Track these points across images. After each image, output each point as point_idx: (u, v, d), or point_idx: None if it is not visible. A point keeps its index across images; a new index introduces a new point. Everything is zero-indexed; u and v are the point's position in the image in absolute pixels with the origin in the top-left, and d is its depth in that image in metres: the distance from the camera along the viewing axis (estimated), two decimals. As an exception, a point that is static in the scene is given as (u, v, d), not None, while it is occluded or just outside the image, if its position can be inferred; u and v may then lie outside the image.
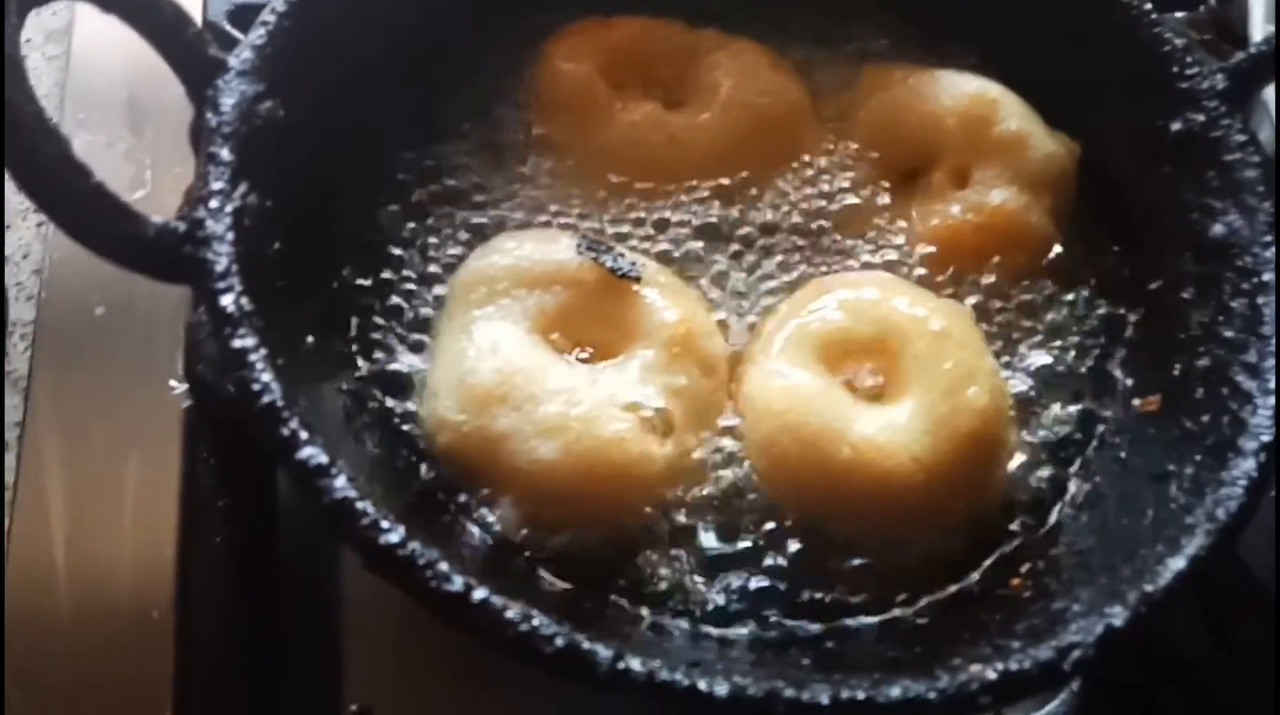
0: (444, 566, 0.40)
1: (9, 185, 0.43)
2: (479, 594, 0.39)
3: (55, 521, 0.59)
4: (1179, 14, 0.81)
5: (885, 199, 0.64)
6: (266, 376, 0.43)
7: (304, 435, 0.42)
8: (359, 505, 0.41)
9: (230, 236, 0.46)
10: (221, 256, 0.45)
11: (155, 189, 0.72)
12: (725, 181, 0.63)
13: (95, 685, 0.55)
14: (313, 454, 0.41)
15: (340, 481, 0.41)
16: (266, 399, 0.42)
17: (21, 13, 0.42)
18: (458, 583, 0.40)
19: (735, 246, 0.62)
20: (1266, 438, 0.48)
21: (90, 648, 0.56)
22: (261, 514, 0.62)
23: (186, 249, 0.46)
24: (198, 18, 0.75)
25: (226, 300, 0.44)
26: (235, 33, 0.75)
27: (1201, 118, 0.59)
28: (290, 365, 0.46)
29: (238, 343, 0.43)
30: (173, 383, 0.64)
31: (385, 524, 0.40)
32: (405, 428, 0.54)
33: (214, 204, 0.47)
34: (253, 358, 0.43)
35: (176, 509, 0.60)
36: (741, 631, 0.50)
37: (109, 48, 0.78)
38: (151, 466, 0.61)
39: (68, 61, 0.78)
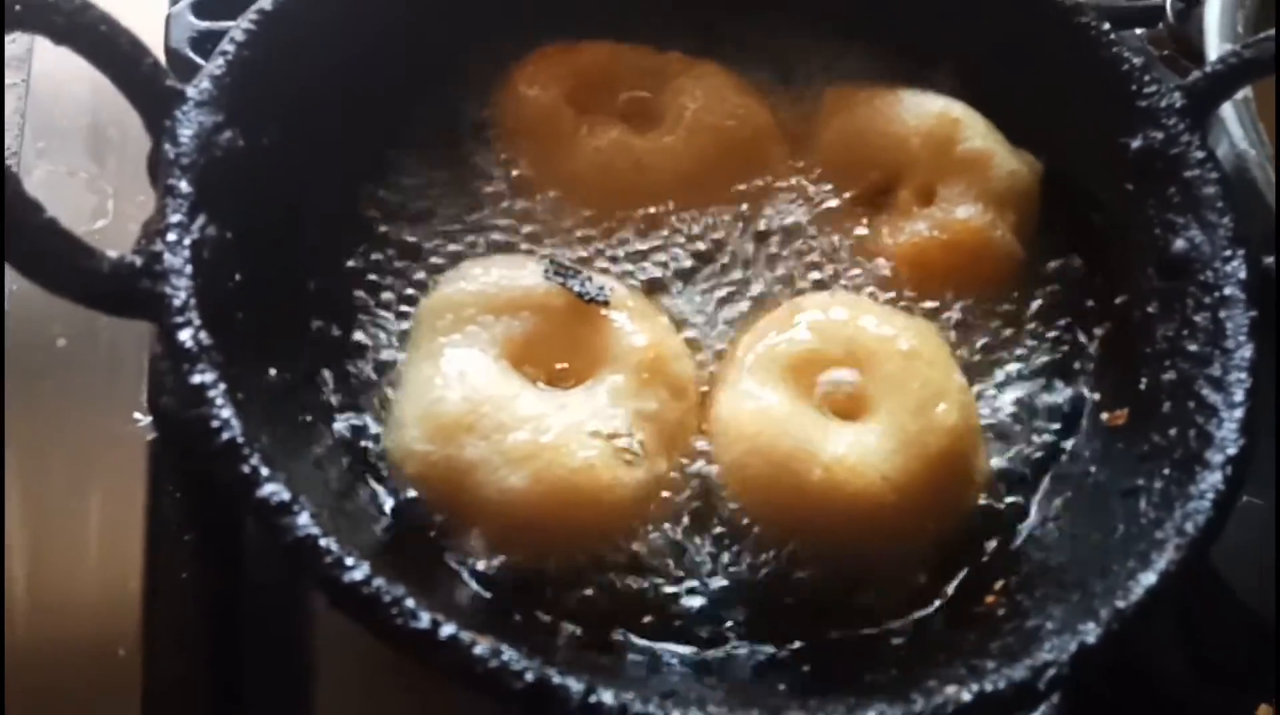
0: (410, 603, 0.39)
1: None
2: (446, 630, 0.39)
3: (16, 558, 0.58)
4: (1139, 30, 0.83)
5: (851, 219, 0.64)
6: (226, 412, 0.42)
7: (265, 471, 0.41)
8: (322, 542, 0.40)
9: (188, 270, 0.45)
10: (179, 291, 0.44)
11: (117, 218, 0.71)
12: (692, 205, 0.63)
13: (60, 726, 0.54)
14: (274, 491, 0.41)
15: (303, 519, 0.40)
16: (226, 435, 0.41)
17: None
18: (424, 619, 0.39)
19: (703, 269, 0.62)
20: (1232, 451, 0.48)
21: (55, 688, 0.55)
22: (228, 548, 0.61)
23: (143, 284, 0.45)
24: (159, 45, 0.75)
25: (184, 335, 0.43)
26: (197, 59, 0.74)
27: (1161, 135, 0.59)
28: (251, 400, 0.45)
29: (196, 378, 0.42)
30: (137, 415, 0.63)
31: (349, 561, 0.40)
32: (372, 459, 0.53)
33: (172, 237, 0.46)
34: (211, 393, 0.42)
35: (142, 544, 0.59)
36: (715, 655, 0.49)
37: (70, 75, 0.77)
38: (116, 501, 0.60)
39: (27, 89, 0.78)
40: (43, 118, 0.76)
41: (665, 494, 0.53)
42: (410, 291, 0.58)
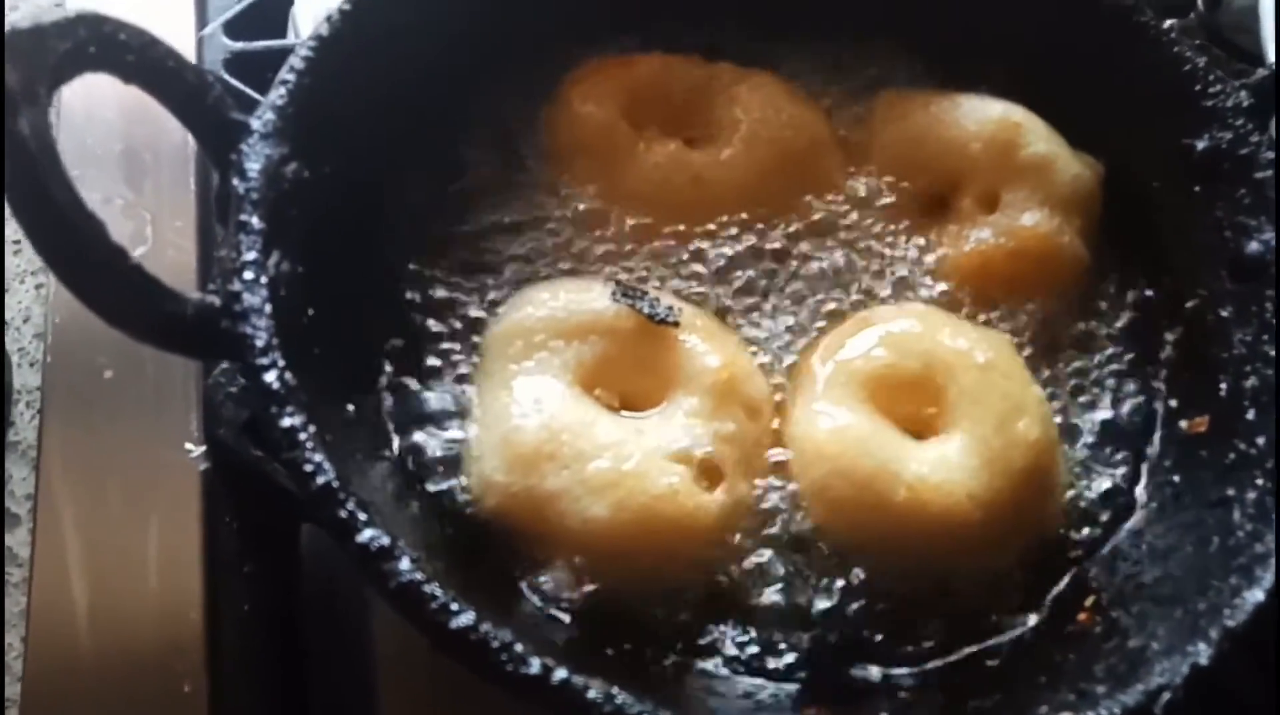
0: (519, 648, 0.38)
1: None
2: (559, 675, 0.38)
3: (76, 595, 0.58)
4: (1168, 21, 0.82)
5: (911, 228, 0.64)
6: (318, 456, 0.41)
7: (362, 516, 0.40)
8: (426, 588, 0.39)
9: (268, 308, 0.44)
10: (261, 330, 0.43)
11: (157, 244, 0.70)
12: (751, 218, 0.62)
13: (129, 768, 0.53)
14: (374, 536, 0.40)
15: (404, 563, 0.40)
16: (321, 480, 0.41)
17: (50, 90, 0.40)
18: (535, 665, 0.38)
19: (765, 283, 0.61)
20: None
21: (124, 726, 0.54)
22: (288, 577, 0.61)
23: (224, 324, 0.44)
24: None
25: (270, 377, 0.42)
26: (234, 82, 0.73)
27: (1229, 135, 0.59)
28: (336, 439, 0.44)
29: (286, 421, 0.41)
30: (188, 446, 0.62)
31: (455, 606, 0.39)
32: (451, 492, 0.52)
33: (249, 275, 0.45)
34: (303, 437, 0.41)
35: (200, 576, 0.58)
36: (811, 682, 0.49)
37: (101, 99, 0.76)
38: (172, 533, 0.59)
39: (58, 115, 0.77)
40: (75, 145, 0.75)
41: (746, 518, 0.52)
42: (477, 316, 0.57)
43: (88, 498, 0.60)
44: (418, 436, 0.53)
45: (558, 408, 0.51)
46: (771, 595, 0.51)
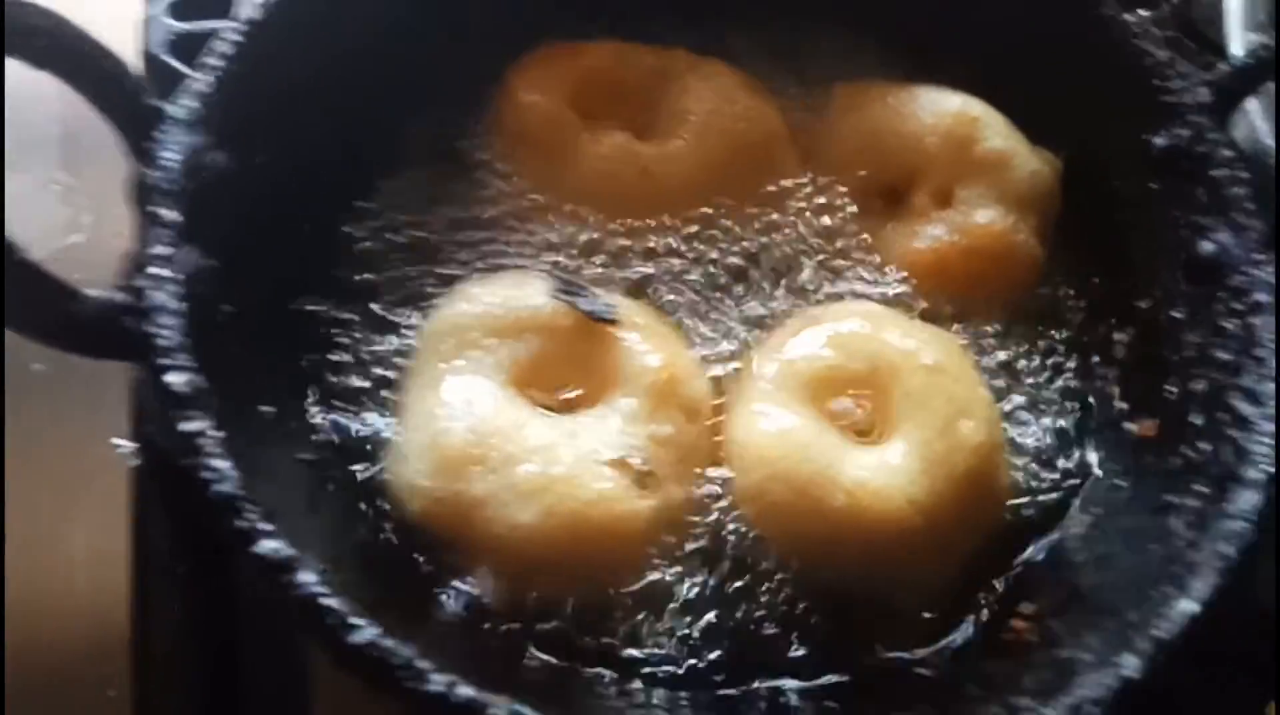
0: (422, 664, 0.37)
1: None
2: (462, 692, 0.37)
3: (-2, 594, 0.56)
4: (1141, 12, 0.80)
5: (866, 223, 0.62)
6: (221, 462, 0.39)
7: (264, 526, 0.39)
8: (325, 601, 0.38)
9: (175, 306, 0.42)
10: (166, 329, 0.42)
11: (95, 234, 0.67)
12: (701, 212, 0.61)
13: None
14: (275, 547, 0.38)
15: (305, 575, 0.38)
16: (220, 488, 0.39)
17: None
18: (438, 682, 0.37)
19: (713, 280, 0.60)
20: (1271, 468, 0.47)
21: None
22: (222, 579, 0.59)
23: (128, 322, 0.42)
24: (134, 50, 0.72)
25: (174, 378, 0.41)
26: (178, 65, 0.71)
27: (1187, 132, 0.57)
28: (247, 441, 0.43)
29: (188, 426, 0.40)
30: (118, 441, 0.60)
31: (356, 621, 0.38)
32: (373, 496, 0.50)
33: (155, 270, 0.43)
34: (203, 441, 0.40)
35: (129, 577, 0.57)
36: (743, 692, 0.48)
37: (37, 78, 0.73)
38: (100, 531, 0.58)
39: (-10, 94, 0.74)
40: (11, 126, 0.72)
41: (680, 523, 0.51)
42: (410, 315, 0.56)
43: (13, 495, 0.58)
44: (340, 438, 0.51)
45: (488, 409, 0.50)
46: (703, 603, 0.50)
